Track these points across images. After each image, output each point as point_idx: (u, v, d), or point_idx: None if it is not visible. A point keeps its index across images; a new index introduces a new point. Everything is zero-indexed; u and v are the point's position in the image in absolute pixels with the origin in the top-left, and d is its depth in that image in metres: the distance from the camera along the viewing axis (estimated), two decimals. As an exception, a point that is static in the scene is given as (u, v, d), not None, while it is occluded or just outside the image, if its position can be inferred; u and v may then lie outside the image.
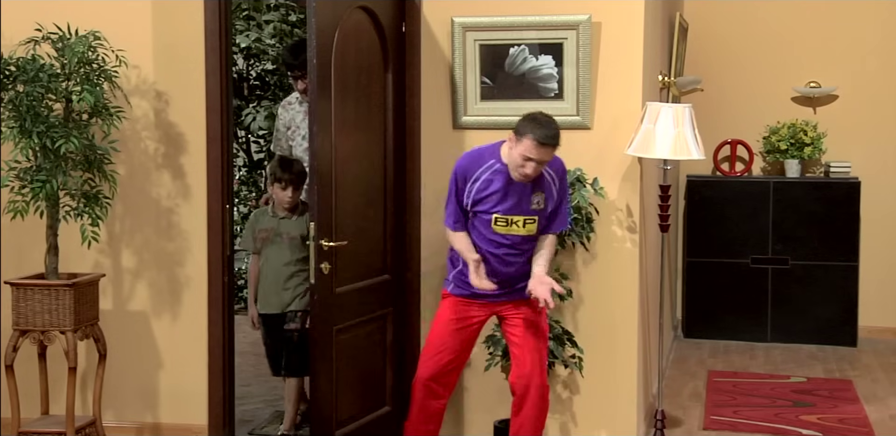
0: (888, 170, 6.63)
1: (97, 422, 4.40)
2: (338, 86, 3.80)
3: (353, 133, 3.98)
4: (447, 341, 3.76)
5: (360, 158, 4.09)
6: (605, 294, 4.20)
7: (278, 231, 4.46)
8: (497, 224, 3.65)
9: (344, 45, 3.82)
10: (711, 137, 6.29)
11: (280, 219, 4.48)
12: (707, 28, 6.62)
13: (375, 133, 4.15)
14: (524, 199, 3.65)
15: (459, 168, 3.71)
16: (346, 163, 3.91)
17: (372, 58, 4.05)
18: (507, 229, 3.65)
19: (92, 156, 4.25)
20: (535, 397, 3.71)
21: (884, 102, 6.61)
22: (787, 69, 6.71)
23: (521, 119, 3.60)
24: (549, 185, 3.68)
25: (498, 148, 3.69)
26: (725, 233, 6.53)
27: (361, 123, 4.06)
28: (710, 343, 6.51)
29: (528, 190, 3.65)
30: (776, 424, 4.83)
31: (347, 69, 3.87)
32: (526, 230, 3.66)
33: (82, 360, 4.45)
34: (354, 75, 3.94)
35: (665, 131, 4.07)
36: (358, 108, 4.00)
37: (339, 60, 3.79)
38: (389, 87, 4.16)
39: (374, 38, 4.05)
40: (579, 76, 4.10)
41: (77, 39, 4.17)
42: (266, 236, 4.47)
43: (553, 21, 4.09)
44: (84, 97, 4.07)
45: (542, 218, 3.69)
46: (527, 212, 3.65)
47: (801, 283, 6.46)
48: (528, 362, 3.71)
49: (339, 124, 3.84)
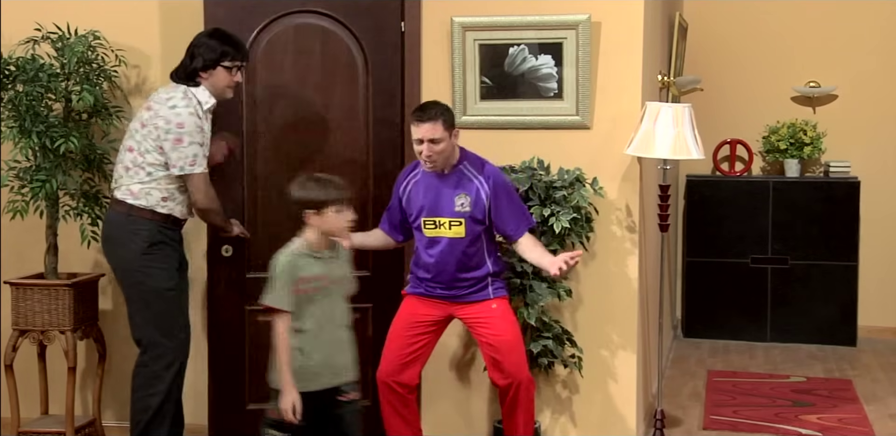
0: (888, 169, 6.63)
1: (97, 422, 4.41)
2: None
3: (332, 133, 4.18)
4: (402, 339, 3.80)
5: (345, 157, 4.26)
6: (605, 294, 4.20)
7: (332, 278, 3.40)
8: (426, 228, 3.74)
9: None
10: (711, 136, 6.30)
11: (327, 260, 3.41)
12: (707, 28, 6.62)
13: (356, 132, 4.26)
14: (448, 200, 3.71)
15: (397, 179, 3.89)
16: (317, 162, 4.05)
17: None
18: (436, 232, 3.73)
19: (91, 155, 4.26)
20: (524, 393, 3.74)
21: (883, 102, 6.61)
22: (786, 69, 6.71)
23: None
24: (477, 188, 3.72)
25: None
26: (725, 233, 6.54)
27: (337, 121, 4.24)
28: (709, 343, 6.52)
29: (450, 191, 3.72)
30: (776, 423, 4.83)
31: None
32: (453, 232, 3.71)
33: (82, 360, 4.45)
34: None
35: (665, 131, 4.07)
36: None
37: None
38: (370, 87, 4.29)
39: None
40: (579, 76, 4.10)
41: (76, 39, 4.18)
42: (315, 288, 3.34)
43: (552, 21, 4.09)
44: (83, 97, 4.07)
45: (472, 221, 3.71)
46: (451, 214, 3.71)
47: (800, 282, 6.46)
48: (510, 361, 3.71)
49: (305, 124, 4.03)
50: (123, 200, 3.87)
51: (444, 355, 4.26)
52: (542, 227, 4.01)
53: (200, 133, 3.83)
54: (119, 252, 3.90)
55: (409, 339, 3.80)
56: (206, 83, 3.87)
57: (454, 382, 4.32)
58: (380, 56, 4.28)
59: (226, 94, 3.94)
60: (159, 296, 3.88)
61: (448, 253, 3.73)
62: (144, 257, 3.86)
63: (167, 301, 3.90)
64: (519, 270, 4.01)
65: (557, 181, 4.05)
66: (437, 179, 3.75)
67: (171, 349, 3.92)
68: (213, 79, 3.87)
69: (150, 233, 3.86)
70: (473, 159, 3.78)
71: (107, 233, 3.96)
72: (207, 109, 3.89)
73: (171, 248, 3.94)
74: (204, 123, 3.87)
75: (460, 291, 3.78)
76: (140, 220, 3.85)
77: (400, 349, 3.80)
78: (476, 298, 3.77)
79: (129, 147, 3.88)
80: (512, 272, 4.01)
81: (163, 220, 3.88)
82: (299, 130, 4.33)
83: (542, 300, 4.00)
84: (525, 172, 4.06)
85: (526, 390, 3.74)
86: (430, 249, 3.77)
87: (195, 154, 3.81)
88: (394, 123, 4.29)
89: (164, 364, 3.90)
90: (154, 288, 3.87)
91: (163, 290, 3.89)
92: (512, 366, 3.72)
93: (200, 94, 3.86)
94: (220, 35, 3.92)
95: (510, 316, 3.79)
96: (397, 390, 3.80)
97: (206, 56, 3.85)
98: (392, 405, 3.83)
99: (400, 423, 3.84)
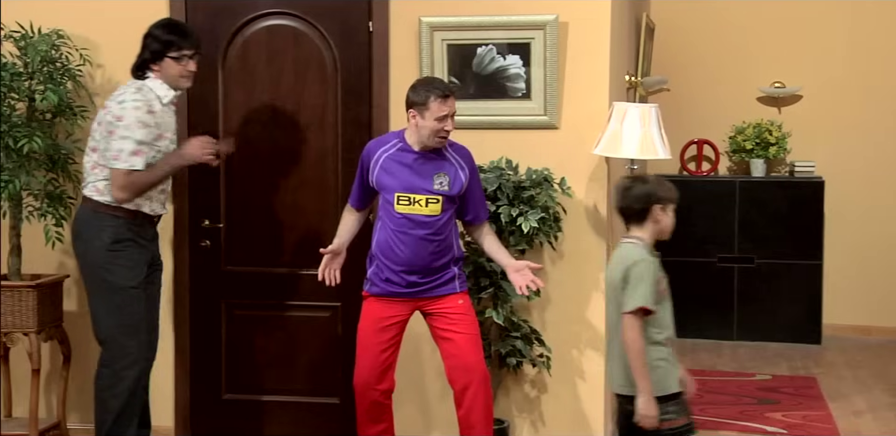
0: (851, 169, 6.71)
1: (62, 424, 4.36)
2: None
3: (303, 133, 4.26)
4: (375, 346, 3.75)
5: (315, 157, 4.33)
6: (573, 293, 4.21)
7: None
8: (399, 203, 3.69)
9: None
10: (678, 136, 6.34)
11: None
12: (673, 28, 6.66)
13: (327, 132, 4.31)
14: (426, 178, 3.69)
15: (365, 150, 3.80)
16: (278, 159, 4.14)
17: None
18: (410, 208, 3.68)
19: (56, 155, 4.21)
20: (480, 387, 3.70)
21: (847, 103, 6.69)
22: (752, 69, 6.77)
23: (411, 93, 3.67)
24: (456, 169, 3.73)
25: (402, 131, 3.77)
26: (692, 232, 6.58)
27: (308, 121, 4.30)
28: (677, 342, 6.49)
29: (430, 169, 3.70)
30: (742, 421, 4.87)
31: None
32: (429, 210, 3.68)
33: (46, 362, 4.41)
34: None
35: (632, 131, 4.09)
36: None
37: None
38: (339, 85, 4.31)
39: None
40: (546, 76, 4.11)
41: (40, 38, 4.13)
42: (664, 289, 3.24)
43: (520, 21, 4.10)
44: (47, 96, 4.03)
45: (449, 201, 3.71)
46: (429, 191, 3.69)
47: (766, 281, 6.52)
48: (468, 355, 3.70)
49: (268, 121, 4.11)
50: (90, 197, 3.82)
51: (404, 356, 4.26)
52: (510, 227, 4.01)
53: (141, 129, 3.71)
54: (85, 249, 3.85)
55: (382, 344, 3.75)
56: (159, 75, 3.81)
57: (418, 383, 4.32)
58: (349, 56, 4.29)
59: (180, 84, 3.85)
60: (122, 294, 3.81)
61: (428, 239, 3.68)
62: (109, 254, 3.80)
63: (131, 299, 3.83)
64: (488, 270, 4.02)
65: (526, 181, 4.06)
66: (415, 157, 3.70)
67: (134, 348, 3.84)
68: (164, 71, 3.80)
69: (116, 230, 3.80)
70: (450, 141, 3.78)
71: (75, 230, 3.91)
72: (168, 102, 3.83)
73: (139, 245, 3.87)
74: (160, 119, 3.78)
75: (429, 279, 3.72)
76: (106, 216, 3.80)
77: (375, 357, 3.75)
78: (443, 291, 3.74)
79: (93, 147, 3.84)
80: (481, 272, 4.02)
81: (130, 216, 3.82)
82: (272, 130, 4.36)
83: (510, 300, 4.01)
84: (493, 172, 4.07)
85: (485, 386, 3.71)
86: (403, 231, 3.68)
87: (120, 149, 3.70)
88: (363, 122, 4.30)
89: (125, 363, 3.82)
90: (117, 286, 3.80)
91: (127, 287, 3.82)
92: (471, 362, 3.70)
93: (158, 88, 3.80)
94: (167, 25, 3.86)
95: (473, 312, 3.80)
96: (378, 399, 3.76)
97: (152, 47, 3.79)
98: (369, 414, 3.78)
99: (377, 429, 3.81)
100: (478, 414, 3.71)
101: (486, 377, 3.73)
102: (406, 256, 3.69)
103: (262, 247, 4.42)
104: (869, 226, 6.69)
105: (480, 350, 3.75)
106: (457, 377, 3.72)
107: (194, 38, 3.87)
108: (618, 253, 3.25)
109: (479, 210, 3.83)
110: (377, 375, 3.75)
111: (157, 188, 3.85)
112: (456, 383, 3.73)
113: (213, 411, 4.48)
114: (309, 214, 4.37)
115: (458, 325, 3.73)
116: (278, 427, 4.45)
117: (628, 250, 3.21)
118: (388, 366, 3.78)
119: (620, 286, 3.16)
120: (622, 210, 3.26)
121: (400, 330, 3.81)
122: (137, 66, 3.82)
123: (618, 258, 3.23)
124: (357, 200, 3.88)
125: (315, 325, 4.40)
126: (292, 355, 4.43)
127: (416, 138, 3.69)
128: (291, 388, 4.44)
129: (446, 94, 3.64)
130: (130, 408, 3.86)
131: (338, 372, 4.36)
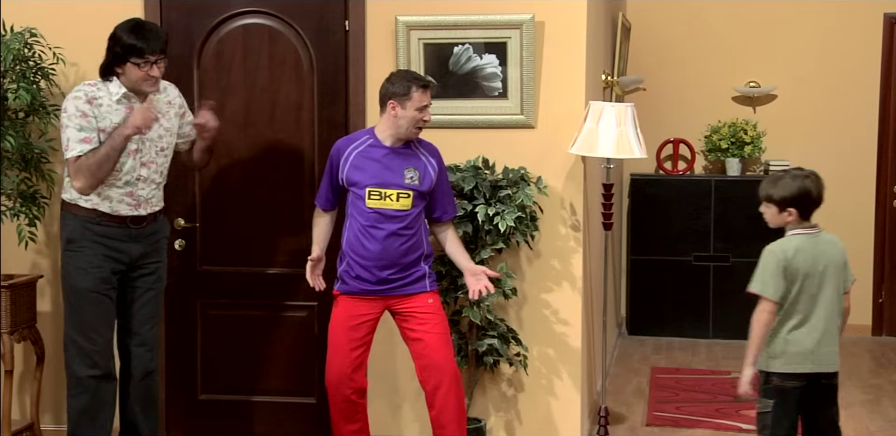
0: (825, 168, 6.65)
1: (35, 426, 4.33)
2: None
3: (278, 132, 4.29)
4: (346, 344, 3.75)
5: (290, 156, 4.31)
6: (550, 292, 4.22)
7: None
8: (371, 198, 3.70)
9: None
10: (654, 135, 6.37)
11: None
12: (649, 28, 6.69)
13: (302, 131, 4.31)
14: (396, 172, 3.71)
15: (334, 148, 3.82)
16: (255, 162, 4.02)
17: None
18: (381, 203, 3.70)
19: (29, 155, 4.18)
20: (451, 386, 3.70)
21: (821, 102, 6.74)
22: (727, 69, 6.81)
23: (389, 85, 3.69)
24: (425, 165, 3.75)
25: (372, 128, 3.80)
26: (668, 231, 6.61)
27: (284, 120, 4.30)
28: (653, 340, 6.59)
29: (400, 164, 3.72)
30: (717, 419, 4.90)
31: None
32: (400, 204, 3.70)
33: (19, 363, 4.37)
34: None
35: (608, 130, 4.11)
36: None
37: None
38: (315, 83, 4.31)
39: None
40: (523, 75, 4.12)
41: (12, 36, 4.10)
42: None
43: (497, 20, 4.11)
44: (20, 95, 4.00)
45: (419, 196, 3.73)
46: (399, 186, 3.70)
47: (741, 280, 6.47)
48: (438, 355, 3.70)
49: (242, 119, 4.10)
50: (61, 195, 3.78)
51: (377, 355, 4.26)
52: (487, 226, 4.02)
53: (81, 118, 3.60)
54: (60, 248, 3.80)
55: (353, 343, 3.75)
56: (122, 79, 3.67)
57: (392, 382, 4.32)
58: (325, 55, 4.28)
59: (143, 87, 3.68)
60: (77, 295, 3.69)
61: (398, 233, 3.68)
62: (65, 254, 3.72)
63: (88, 302, 3.69)
64: (464, 269, 4.02)
65: (502, 180, 4.07)
66: (385, 152, 3.72)
67: (92, 352, 3.71)
68: (126, 74, 3.66)
69: (72, 228, 3.69)
70: (419, 138, 3.80)
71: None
72: (117, 99, 3.67)
73: (99, 246, 3.69)
74: (107, 113, 3.65)
75: (400, 276, 3.72)
76: (67, 214, 3.72)
77: (346, 355, 3.75)
78: (413, 290, 3.74)
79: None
80: (458, 271, 4.01)
81: (88, 215, 3.68)
82: (247, 129, 4.35)
83: (487, 299, 4.01)
84: (470, 171, 4.07)
85: (456, 386, 3.71)
86: (372, 225, 3.68)
87: (68, 138, 3.60)
88: (338, 122, 4.29)
89: (84, 365, 3.72)
90: (72, 287, 3.70)
91: (82, 290, 3.68)
92: (442, 361, 3.70)
93: (112, 86, 3.68)
94: (132, 27, 3.67)
95: (442, 312, 3.81)
96: (350, 397, 3.76)
97: (114, 50, 3.65)
98: (343, 413, 3.78)
99: (351, 429, 3.81)
100: (450, 414, 3.71)
101: (457, 377, 3.73)
102: (377, 251, 3.69)
103: (237, 247, 4.40)
104: (841, 225, 6.73)
105: (451, 350, 3.76)
106: (427, 377, 3.72)
107: (160, 41, 3.67)
108: (828, 238, 3.58)
109: (446, 207, 3.85)
110: (348, 373, 3.74)
111: (116, 185, 3.68)
112: (427, 383, 3.72)
113: (190, 412, 4.47)
114: (285, 213, 4.35)
115: (427, 325, 3.73)
116: (255, 427, 4.44)
117: (833, 236, 3.62)
118: (360, 364, 3.77)
119: (844, 267, 3.56)
120: (820, 203, 3.58)
121: (371, 329, 3.81)
122: (103, 69, 3.71)
123: (830, 243, 3.56)
124: (326, 201, 3.88)
125: (291, 325, 4.40)
126: (269, 355, 4.42)
127: (392, 131, 3.70)
128: (268, 388, 4.43)
129: (426, 84, 3.70)
130: (91, 412, 3.75)
131: (314, 372, 4.35)
